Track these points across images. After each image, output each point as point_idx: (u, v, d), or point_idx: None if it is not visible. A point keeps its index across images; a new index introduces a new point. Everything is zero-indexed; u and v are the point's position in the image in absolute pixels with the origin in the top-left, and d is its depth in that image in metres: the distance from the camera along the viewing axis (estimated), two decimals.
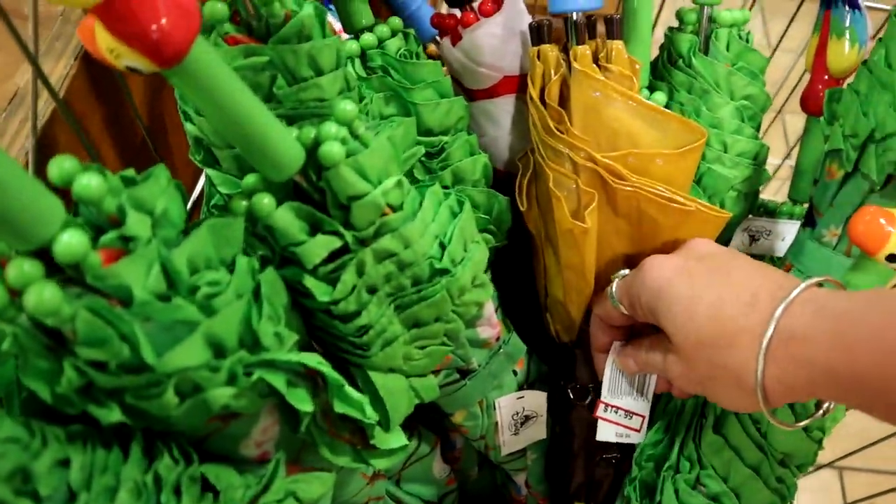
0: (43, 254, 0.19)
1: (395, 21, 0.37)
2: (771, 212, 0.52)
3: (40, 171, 0.21)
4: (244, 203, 0.26)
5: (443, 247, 0.30)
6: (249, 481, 0.25)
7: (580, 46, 0.36)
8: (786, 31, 0.62)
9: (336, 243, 0.27)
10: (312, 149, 0.26)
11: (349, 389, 0.27)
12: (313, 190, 0.26)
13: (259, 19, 0.27)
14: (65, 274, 0.20)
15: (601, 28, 0.38)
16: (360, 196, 0.26)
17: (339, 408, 0.27)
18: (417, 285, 0.30)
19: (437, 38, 0.41)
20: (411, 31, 0.38)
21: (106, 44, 0.21)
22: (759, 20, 1.27)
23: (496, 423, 0.40)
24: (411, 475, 0.42)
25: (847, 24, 0.45)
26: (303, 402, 0.25)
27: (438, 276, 0.30)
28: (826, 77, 0.47)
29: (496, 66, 0.39)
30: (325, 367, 0.26)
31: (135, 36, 0.20)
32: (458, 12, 0.38)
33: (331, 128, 0.25)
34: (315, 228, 0.27)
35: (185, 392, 0.22)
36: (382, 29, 0.36)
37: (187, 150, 0.31)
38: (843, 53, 0.45)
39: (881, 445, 0.52)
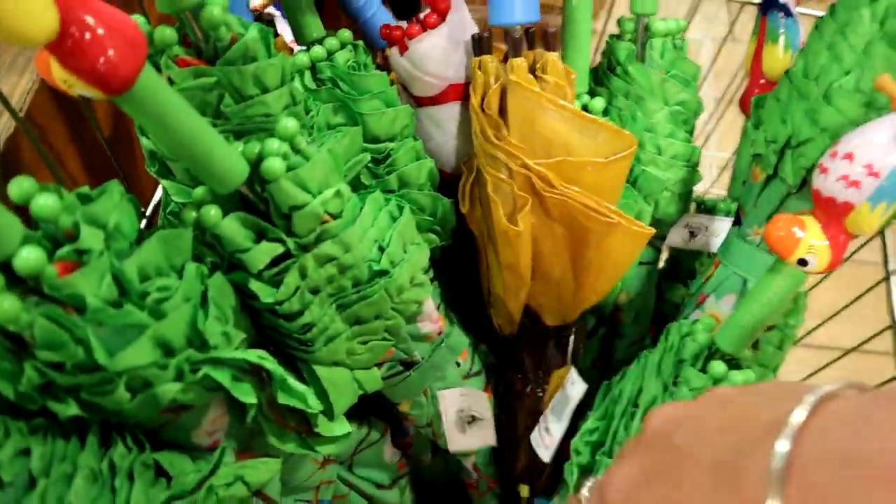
0: (4, 267, 0.22)
1: (344, 34, 0.39)
2: (710, 209, 0.54)
3: (3, 187, 0.23)
4: (193, 214, 0.28)
5: (382, 250, 0.33)
6: (201, 466, 0.28)
7: (516, 59, 0.38)
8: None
9: (279, 249, 0.29)
10: (256, 163, 0.28)
11: (292, 382, 0.30)
12: (258, 200, 0.29)
13: (207, 42, 0.30)
14: (25, 284, 0.22)
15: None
16: (300, 206, 0.28)
17: (282, 399, 0.29)
18: (357, 286, 0.32)
19: (381, 57, 0.43)
20: (360, 42, 0.40)
21: (59, 75, 0.23)
22: (724, 11, 1.30)
23: (440, 412, 0.43)
24: (363, 460, 0.45)
25: (781, 30, 0.48)
26: (247, 394, 0.27)
27: (377, 278, 0.33)
28: (762, 81, 0.50)
29: (441, 76, 0.41)
30: (268, 362, 0.28)
31: (83, 70, 0.22)
32: (404, 24, 0.41)
33: (273, 143, 0.28)
34: (260, 236, 0.29)
35: (135, 388, 0.24)
36: (332, 42, 0.38)
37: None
38: (777, 58, 0.48)
39: None
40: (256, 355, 0.28)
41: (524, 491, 0.49)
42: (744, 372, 0.37)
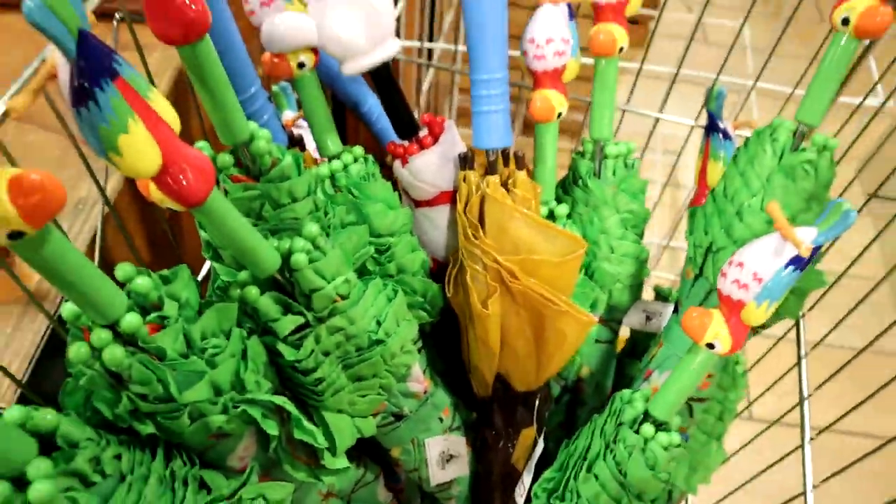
0: (112, 325, 0.31)
1: (358, 150, 0.50)
2: (665, 297, 0.64)
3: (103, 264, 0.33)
4: (238, 291, 0.38)
5: (379, 324, 0.42)
6: (233, 483, 0.37)
7: (491, 176, 0.48)
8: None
9: (301, 320, 0.39)
10: (286, 256, 0.38)
11: (306, 422, 0.39)
12: (287, 283, 0.39)
13: (254, 164, 0.40)
14: (125, 338, 0.32)
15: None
16: (317, 289, 0.38)
17: (297, 434, 0.39)
18: (359, 351, 0.42)
19: (391, 159, 0.54)
20: (370, 156, 0.50)
21: (156, 195, 0.33)
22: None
23: (425, 459, 0.52)
24: (360, 498, 0.53)
25: (721, 150, 0.58)
26: (272, 428, 0.37)
27: (375, 345, 0.42)
28: (707, 191, 0.60)
29: (434, 184, 0.51)
30: (288, 405, 0.38)
31: (173, 193, 0.32)
32: (406, 143, 0.51)
33: (299, 242, 0.38)
34: (286, 309, 0.39)
35: (194, 417, 0.33)
36: (347, 156, 0.49)
37: (200, 247, 0.44)
38: (718, 173, 0.58)
39: None
40: (280, 399, 0.37)
41: None
42: (669, 435, 0.46)
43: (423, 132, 0.51)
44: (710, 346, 0.43)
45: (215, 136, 0.39)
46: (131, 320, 0.31)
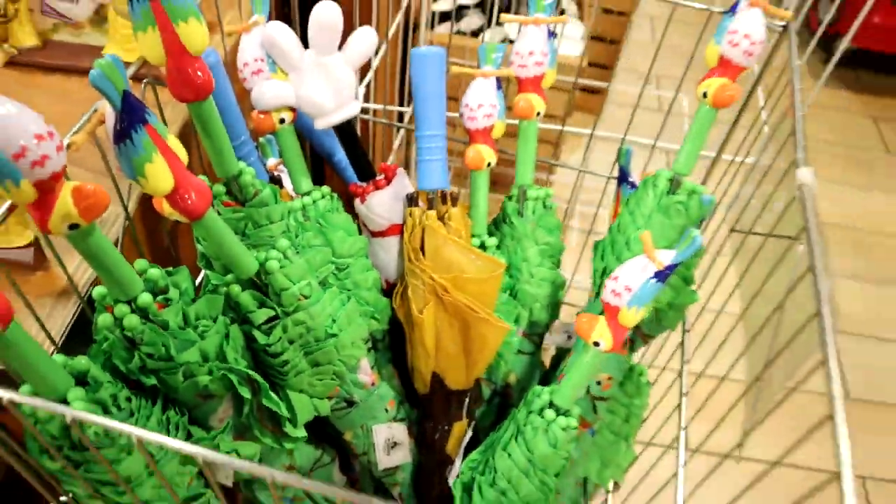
0: (130, 301, 0.43)
1: (325, 189, 0.62)
2: None
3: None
4: (225, 289, 0.50)
5: (334, 321, 0.54)
6: (212, 434, 0.48)
7: (430, 211, 0.61)
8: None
9: (271, 313, 0.50)
10: (263, 263, 0.50)
11: (272, 393, 0.50)
12: (262, 284, 0.50)
13: (241, 193, 0.52)
14: (139, 311, 0.43)
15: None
16: (285, 289, 0.50)
17: (265, 402, 0.50)
18: (317, 341, 0.53)
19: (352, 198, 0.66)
20: (335, 194, 0.63)
21: (167, 209, 0.45)
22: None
23: (373, 443, 0.62)
24: (317, 477, 0.63)
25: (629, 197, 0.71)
26: (246, 392, 0.48)
27: (329, 337, 0.53)
28: None
29: (386, 218, 0.63)
30: (259, 379, 0.49)
31: (180, 209, 0.44)
32: (364, 185, 0.64)
33: (273, 253, 0.50)
34: (261, 304, 0.50)
35: (186, 375, 0.45)
36: (316, 193, 0.61)
37: (195, 258, 0.55)
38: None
39: None
40: (253, 373, 0.48)
41: None
42: (568, 419, 0.57)
43: (380, 176, 0.64)
44: (597, 343, 0.54)
45: (212, 170, 0.52)
46: (145, 298, 0.43)
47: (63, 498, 0.49)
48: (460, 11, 1.51)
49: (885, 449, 1.50)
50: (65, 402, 0.38)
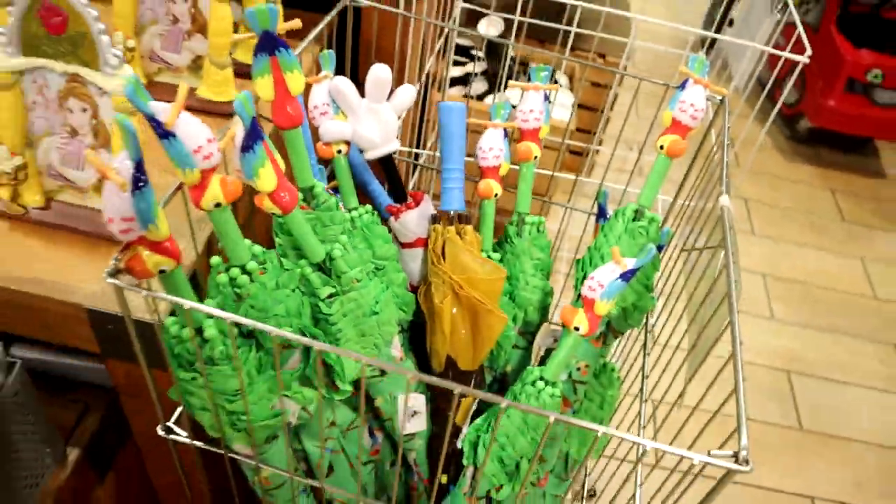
0: (241, 266, 0.59)
1: (368, 206, 0.79)
2: None
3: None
4: (298, 270, 0.66)
5: (377, 302, 0.70)
6: (287, 375, 0.64)
7: (450, 227, 0.78)
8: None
9: (332, 290, 0.67)
10: (329, 252, 0.66)
11: (329, 352, 0.66)
12: (327, 267, 0.67)
13: (313, 200, 0.69)
14: (247, 273, 0.60)
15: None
16: (344, 273, 0.67)
17: (326, 358, 0.66)
18: (364, 316, 0.69)
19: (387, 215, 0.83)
20: (376, 211, 0.80)
21: (266, 204, 0.62)
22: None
23: (397, 410, 0.78)
24: (350, 437, 0.79)
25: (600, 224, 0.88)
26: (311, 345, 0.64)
27: (373, 315, 0.70)
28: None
29: (414, 232, 0.81)
30: (321, 333, 0.65)
31: (278, 203, 0.61)
32: (398, 206, 0.81)
33: (336, 245, 0.67)
34: (325, 283, 0.67)
35: (273, 325, 0.61)
36: (361, 209, 0.78)
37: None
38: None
39: None
40: (318, 332, 0.65)
41: (444, 479, 0.82)
42: (553, 388, 0.73)
43: (409, 200, 0.81)
44: (577, 328, 0.71)
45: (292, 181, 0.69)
46: (252, 265, 0.59)
47: (170, 422, 0.65)
48: (469, 78, 1.72)
49: (830, 473, 1.69)
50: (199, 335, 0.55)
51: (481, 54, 1.78)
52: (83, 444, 0.72)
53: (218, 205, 0.55)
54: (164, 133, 0.50)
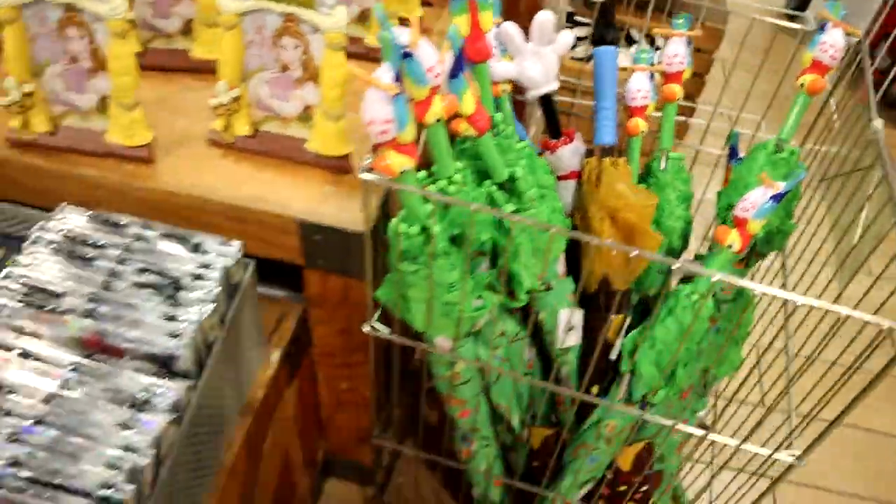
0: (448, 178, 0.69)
1: (529, 141, 0.88)
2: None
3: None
4: (482, 190, 0.75)
5: (549, 220, 0.79)
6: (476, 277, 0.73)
7: (605, 158, 0.86)
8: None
9: (514, 207, 0.75)
10: (512, 173, 0.75)
11: (512, 262, 0.75)
12: (508, 187, 0.76)
13: (494, 128, 0.78)
14: (452, 183, 0.69)
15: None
16: (524, 192, 0.75)
17: (511, 264, 0.74)
18: (538, 231, 0.78)
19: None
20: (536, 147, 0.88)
21: (462, 127, 0.71)
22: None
23: (557, 324, 0.86)
24: (514, 349, 0.87)
25: (734, 165, 0.95)
26: (501, 252, 0.73)
27: (546, 230, 0.78)
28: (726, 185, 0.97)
29: (567, 166, 0.89)
30: (503, 242, 0.74)
31: (475, 125, 0.70)
32: (553, 141, 0.89)
33: (518, 167, 0.75)
34: (508, 201, 0.76)
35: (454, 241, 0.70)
36: (524, 143, 0.87)
37: None
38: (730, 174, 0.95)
39: None
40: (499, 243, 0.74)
41: (595, 390, 0.90)
42: (706, 300, 0.80)
43: (564, 137, 0.90)
44: (730, 246, 0.78)
45: None
46: (457, 177, 0.68)
47: (372, 322, 0.75)
48: (575, 42, 1.80)
49: None
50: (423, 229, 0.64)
51: (584, 20, 1.85)
52: (281, 347, 0.83)
53: (438, 120, 0.64)
54: (405, 54, 0.59)
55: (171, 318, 0.62)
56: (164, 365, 0.62)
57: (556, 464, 0.97)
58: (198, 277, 0.65)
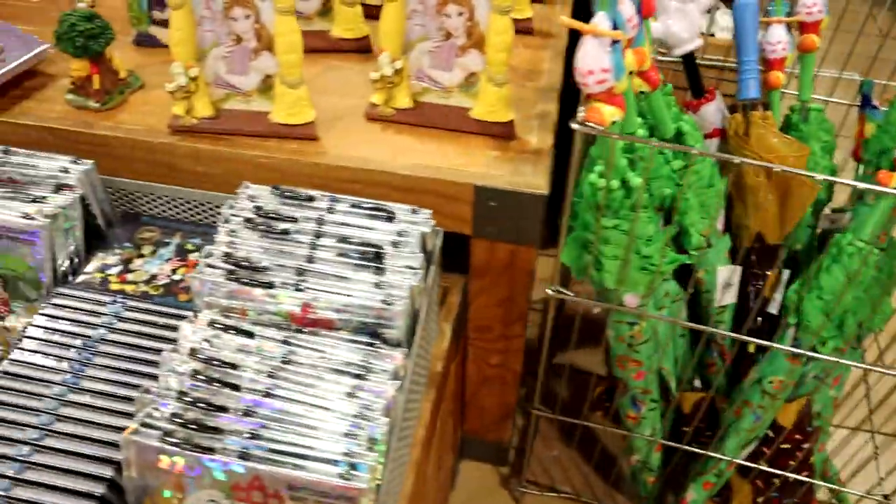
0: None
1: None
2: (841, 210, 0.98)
3: None
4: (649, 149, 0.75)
5: (710, 176, 0.78)
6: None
7: (754, 112, 0.85)
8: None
9: (682, 163, 0.75)
10: (679, 128, 0.74)
11: (684, 217, 0.74)
12: (678, 142, 0.75)
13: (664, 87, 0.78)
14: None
15: None
16: (691, 145, 0.75)
17: (684, 220, 0.74)
18: (702, 188, 0.77)
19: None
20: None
21: (636, 83, 0.71)
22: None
23: (715, 282, 0.86)
24: (673, 309, 0.87)
25: (874, 116, 0.94)
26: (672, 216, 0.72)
27: (710, 186, 0.78)
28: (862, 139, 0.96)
29: (711, 123, 0.88)
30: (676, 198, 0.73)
31: (647, 80, 0.70)
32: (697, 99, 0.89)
33: (684, 122, 0.75)
34: (676, 157, 0.75)
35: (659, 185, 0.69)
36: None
37: None
38: (872, 129, 0.94)
39: None
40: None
41: (752, 347, 0.89)
42: (870, 247, 0.79)
43: (706, 95, 0.89)
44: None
45: None
46: (641, 131, 0.68)
47: (555, 286, 0.74)
48: None
49: None
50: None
51: None
52: (451, 321, 0.82)
53: (630, 73, 0.63)
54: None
55: (379, 286, 0.62)
56: (374, 335, 0.62)
57: (707, 426, 0.96)
58: (396, 245, 0.65)
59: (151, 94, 0.88)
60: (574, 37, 1.12)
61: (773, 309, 0.88)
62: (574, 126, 0.59)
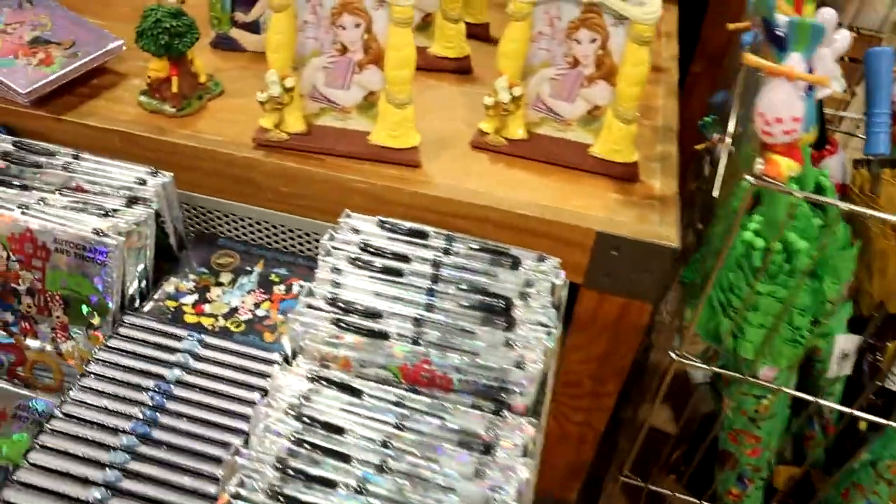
0: None
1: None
2: None
3: None
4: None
5: (845, 237, 0.71)
6: None
7: (883, 169, 0.78)
8: None
9: (820, 223, 0.68)
10: (819, 183, 0.67)
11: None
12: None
13: None
14: None
15: None
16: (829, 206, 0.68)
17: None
18: (838, 250, 0.70)
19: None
20: None
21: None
22: None
23: (832, 352, 0.78)
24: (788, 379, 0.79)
25: None
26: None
27: (844, 248, 0.71)
28: None
29: (834, 177, 0.81)
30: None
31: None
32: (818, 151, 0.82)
33: (822, 175, 0.68)
34: (816, 215, 0.68)
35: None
36: None
37: None
38: None
39: None
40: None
41: (863, 425, 0.82)
42: None
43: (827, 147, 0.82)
44: None
45: None
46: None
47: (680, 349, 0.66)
48: None
49: None
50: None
51: None
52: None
53: None
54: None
55: (509, 345, 0.55)
56: (496, 400, 0.55)
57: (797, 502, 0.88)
58: (524, 297, 0.57)
59: (231, 102, 0.80)
60: (685, 71, 1.06)
61: (891, 385, 0.80)
62: (750, 180, 0.52)
